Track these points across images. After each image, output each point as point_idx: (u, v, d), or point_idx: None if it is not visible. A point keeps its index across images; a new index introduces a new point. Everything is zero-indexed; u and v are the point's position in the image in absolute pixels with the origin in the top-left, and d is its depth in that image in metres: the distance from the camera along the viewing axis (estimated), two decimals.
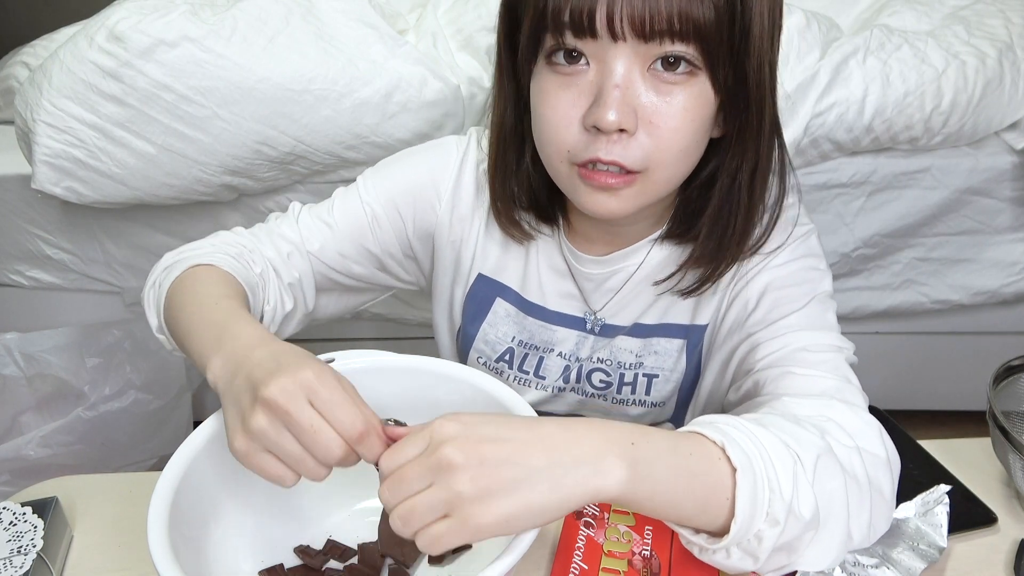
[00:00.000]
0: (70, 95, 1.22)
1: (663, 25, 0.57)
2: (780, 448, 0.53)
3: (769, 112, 0.65)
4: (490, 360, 0.84)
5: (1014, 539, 0.68)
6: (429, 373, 0.67)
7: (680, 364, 0.79)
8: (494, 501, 0.46)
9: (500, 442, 0.48)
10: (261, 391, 0.51)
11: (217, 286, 0.68)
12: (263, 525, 0.65)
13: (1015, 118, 1.42)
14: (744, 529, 0.51)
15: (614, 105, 0.59)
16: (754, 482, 0.51)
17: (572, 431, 0.50)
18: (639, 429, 0.51)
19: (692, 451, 0.51)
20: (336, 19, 1.31)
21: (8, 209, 1.45)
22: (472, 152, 0.81)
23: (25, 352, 1.39)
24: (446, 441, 0.47)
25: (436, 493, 0.47)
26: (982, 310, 1.56)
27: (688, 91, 0.61)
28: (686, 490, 0.51)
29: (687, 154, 0.64)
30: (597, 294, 0.79)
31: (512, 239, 0.79)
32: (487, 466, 0.47)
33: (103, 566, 0.68)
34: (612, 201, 0.65)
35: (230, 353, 0.57)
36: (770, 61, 0.63)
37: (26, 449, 1.32)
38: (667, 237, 0.75)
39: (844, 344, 0.68)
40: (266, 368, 0.53)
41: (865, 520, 0.56)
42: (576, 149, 0.64)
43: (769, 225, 0.71)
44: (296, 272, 0.78)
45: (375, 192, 0.80)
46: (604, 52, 0.60)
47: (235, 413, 0.54)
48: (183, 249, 0.75)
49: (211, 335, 0.61)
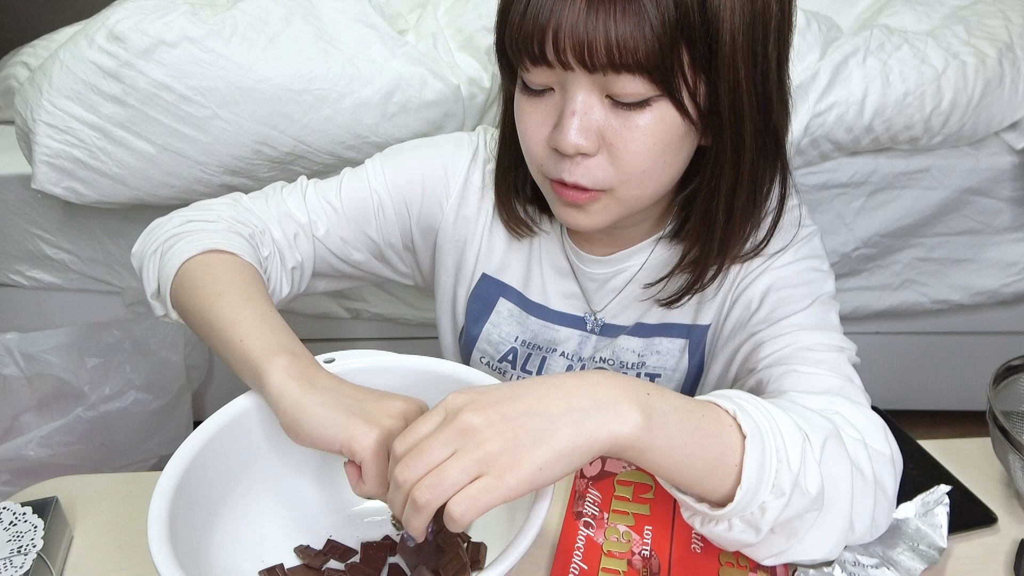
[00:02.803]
0: (70, 95, 1.23)
1: (603, 59, 0.57)
2: (790, 424, 0.53)
3: (751, 131, 0.63)
4: (493, 360, 0.84)
5: (1014, 539, 0.68)
6: (429, 373, 0.67)
7: (682, 364, 0.79)
8: (524, 452, 0.46)
9: (516, 399, 0.48)
10: (386, 406, 0.57)
11: (246, 286, 0.68)
12: (263, 525, 0.65)
13: (1015, 118, 1.42)
14: (749, 497, 0.51)
15: (571, 131, 0.60)
16: (763, 451, 0.51)
17: (586, 379, 0.50)
18: (651, 384, 0.52)
19: (704, 413, 0.52)
20: (336, 19, 1.31)
21: (8, 209, 1.45)
22: (482, 151, 0.81)
23: (25, 352, 1.39)
24: (463, 408, 0.48)
25: (465, 456, 0.46)
26: (982, 310, 1.56)
27: (649, 114, 0.60)
28: (699, 447, 0.51)
29: (655, 173, 0.64)
30: (600, 294, 0.79)
31: (514, 234, 0.79)
32: (509, 420, 0.47)
33: (103, 566, 0.68)
34: (582, 216, 0.66)
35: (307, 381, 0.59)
36: (759, 74, 0.61)
37: (26, 449, 1.32)
38: (663, 238, 0.75)
39: (847, 345, 0.68)
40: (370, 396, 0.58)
41: (868, 512, 0.56)
42: (546, 166, 0.65)
43: (769, 230, 0.71)
44: (299, 256, 0.78)
45: (384, 179, 0.79)
46: (563, 79, 0.60)
47: (354, 417, 0.56)
48: (189, 218, 0.74)
49: (271, 336, 0.62)
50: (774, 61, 0.62)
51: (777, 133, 0.67)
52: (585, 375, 0.51)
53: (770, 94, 0.63)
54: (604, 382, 0.50)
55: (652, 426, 0.49)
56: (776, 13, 0.61)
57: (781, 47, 0.63)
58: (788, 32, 0.63)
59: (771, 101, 0.64)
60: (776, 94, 0.64)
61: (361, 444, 0.54)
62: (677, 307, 0.76)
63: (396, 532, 0.67)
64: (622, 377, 0.51)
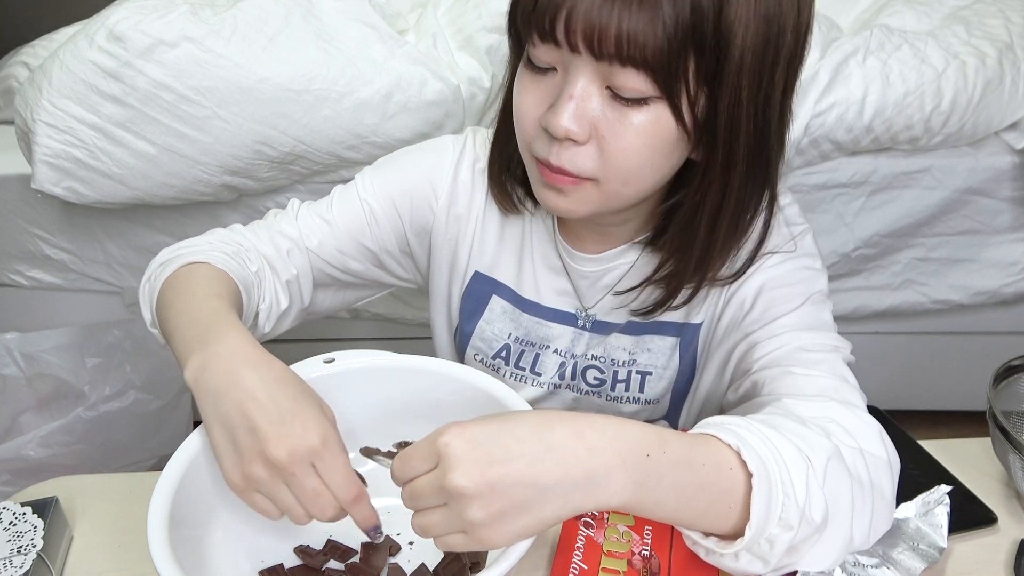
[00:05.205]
0: (70, 95, 1.22)
1: (611, 48, 0.56)
2: (793, 452, 0.53)
3: (744, 153, 0.62)
4: (487, 357, 0.84)
5: (1014, 539, 0.68)
6: (429, 373, 0.67)
7: (673, 362, 0.79)
8: (506, 523, 0.47)
9: (509, 462, 0.47)
10: (268, 450, 0.53)
11: (208, 283, 0.68)
12: (263, 525, 0.65)
13: (1015, 118, 1.42)
14: (757, 534, 0.51)
15: (565, 114, 0.60)
16: (769, 487, 0.51)
17: (586, 440, 0.49)
18: (656, 437, 0.51)
19: (705, 461, 0.51)
20: (336, 19, 1.31)
21: (8, 209, 1.45)
22: (469, 151, 0.81)
23: (25, 352, 1.39)
24: (454, 467, 0.47)
25: (449, 515, 0.48)
26: (982, 310, 1.56)
27: (645, 114, 0.60)
28: (689, 501, 0.51)
29: (640, 173, 0.63)
30: (591, 291, 0.79)
31: (502, 210, 0.79)
32: (497, 492, 0.47)
33: (103, 566, 0.68)
34: (561, 200, 0.66)
35: (213, 360, 0.58)
36: (762, 98, 0.61)
37: (26, 449, 1.32)
38: (647, 244, 0.75)
39: (841, 343, 0.68)
40: (268, 417, 0.54)
41: (866, 521, 0.56)
42: (535, 145, 0.64)
43: (748, 259, 0.71)
44: (294, 268, 0.78)
45: (373, 190, 0.80)
46: (568, 62, 0.60)
47: (229, 446, 0.56)
48: (179, 246, 0.75)
49: (194, 333, 0.61)
50: (779, 89, 0.62)
51: (768, 162, 0.66)
52: (586, 432, 0.49)
53: (769, 120, 0.63)
54: (603, 447, 0.49)
55: (641, 492, 0.49)
56: (790, 43, 0.60)
57: (788, 77, 0.62)
58: (798, 65, 0.63)
59: (769, 128, 0.63)
60: (776, 122, 0.64)
61: (227, 480, 0.56)
62: (652, 317, 0.76)
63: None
64: (624, 434, 0.50)
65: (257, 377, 0.56)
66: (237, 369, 0.57)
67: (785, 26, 0.59)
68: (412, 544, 0.66)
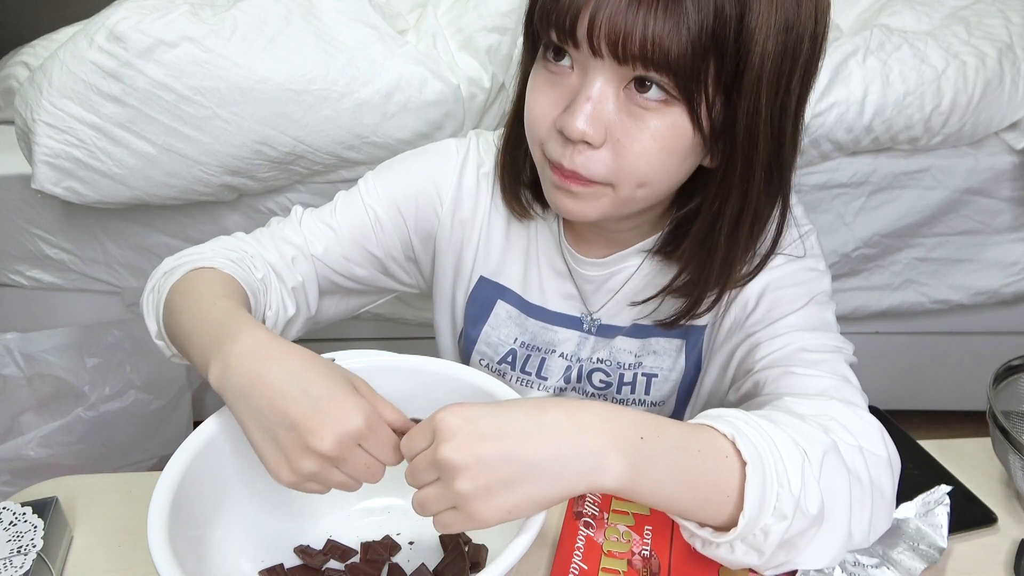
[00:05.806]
0: (70, 95, 1.22)
1: (635, 50, 0.56)
2: (789, 444, 0.53)
3: (762, 160, 0.62)
4: (492, 362, 0.84)
5: (1014, 539, 0.68)
6: (429, 373, 0.67)
7: (679, 363, 0.79)
8: (494, 497, 0.48)
9: (499, 438, 0.49)
10: (314, 443, 0.53)
11: (216, 287, 0.68)
12: (263, 525, 0.65)
13: (1015, 118, 1.42)
14: (751, 523, 0.51)
15: (582, 115, 0.59)
16: (763, 476, 0.51)
17: (577, 420, 0.50)
18: (651, 422, 0.51)
19: (700, 447, 0.52)
20: (336, 19, 1.31)
21: (8, 209, 1.45)
22: (473, 154, 0.81)
23: (25, 352, 1.39)
24: (446, 440, 0.49)
25: (441, 489, 0.50)
26: (982, 310, 1.56)
27: (662, 118, 0.59)
28: (686, 487, 0.51)
29: (654, 178, 0.63)
30: (597, 295, 0.79)
31: (512, 213, 0.79)
32: (485, 464, 0.48)
33: (103, 566, 0.68)
34: (572, 203, 0.65)
35: (234, 360, 0.57)
36: (779, 106, 0.61)
37: (26, 449, 1.32)
38: (656, 252, 0.75)
39: (844, 344, 0.68)
40: (305, 411, 0.54)
41: (866, 519, 0.56)
42: (548, 147, 0.64)
43: (759, 263, 0.71)
44: (300, 276, 0.77)
45: (377, 195, 0.80)
46: (586, 63, 0.60)
47: (271, 444, 0.55)
48: (182, 254, 0.74)
49: (210, 336, 0.61)
50: (795, 97, 0.62)
51: (783, 169, 0.66)
52: (578, 413, 0.50)
53: (785, 128, 0.63)
54: (594, 428, 0.49)
55: (637, 475, 0.49)
56: (807, 51, 0.60)
57: (804, 85, 0.63)
58: (813, 73, 0.63)
59: (784, 135, 0.63)
60: (791, 130, 0.64)
61: (279, 480, 0.56)
62: (677, 327, 0.76)
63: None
64: (618, 417, 0.51)
65: (282, 370, 0.56)
66: (261, 365, 0.56)
67: (803, 35, 0.59)
68: (412, 544, 0.66)
